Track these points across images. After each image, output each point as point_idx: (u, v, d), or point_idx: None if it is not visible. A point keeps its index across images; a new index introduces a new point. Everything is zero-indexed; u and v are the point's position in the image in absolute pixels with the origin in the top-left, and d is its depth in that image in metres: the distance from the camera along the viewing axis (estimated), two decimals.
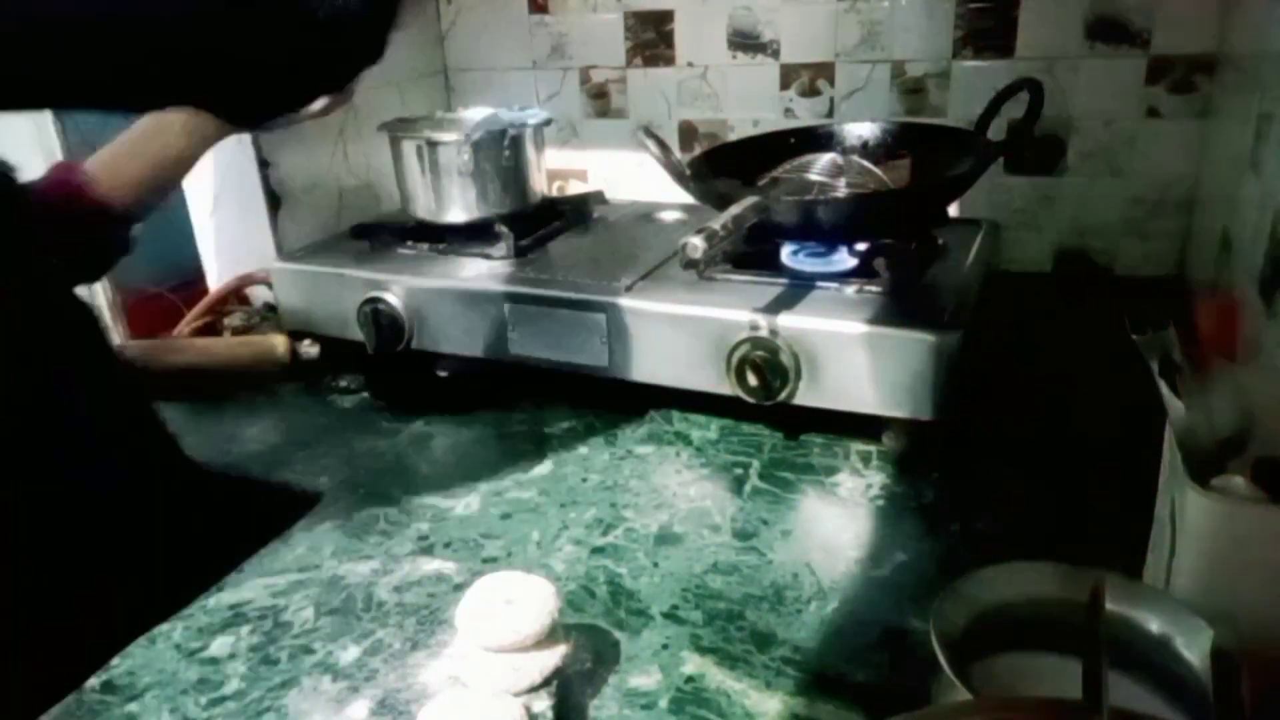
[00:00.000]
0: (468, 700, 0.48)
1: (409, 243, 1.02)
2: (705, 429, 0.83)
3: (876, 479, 0.74)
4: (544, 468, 0.79)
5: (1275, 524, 0.42)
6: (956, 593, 0.44)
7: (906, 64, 1.12)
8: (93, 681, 0.57)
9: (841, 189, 0.87)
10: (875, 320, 0.74)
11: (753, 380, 0.77)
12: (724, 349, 0.78)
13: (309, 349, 1.01)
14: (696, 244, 0.69)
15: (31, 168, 0.72)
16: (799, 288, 0.81)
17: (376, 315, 0.93)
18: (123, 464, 0.70)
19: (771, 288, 0.82)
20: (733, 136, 1.21)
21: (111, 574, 0.67)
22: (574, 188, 1.33)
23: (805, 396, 0.77)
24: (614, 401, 0.87)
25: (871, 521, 0.69)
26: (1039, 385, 0.88)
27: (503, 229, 0.96)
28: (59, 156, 1.60)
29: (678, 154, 0.98)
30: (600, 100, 1.29)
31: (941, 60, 1.10)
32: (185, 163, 0.84)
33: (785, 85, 1.19)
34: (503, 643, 0.50)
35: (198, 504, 0.76)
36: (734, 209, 0.75)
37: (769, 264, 0.86)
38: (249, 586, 0.65)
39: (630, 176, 1.28)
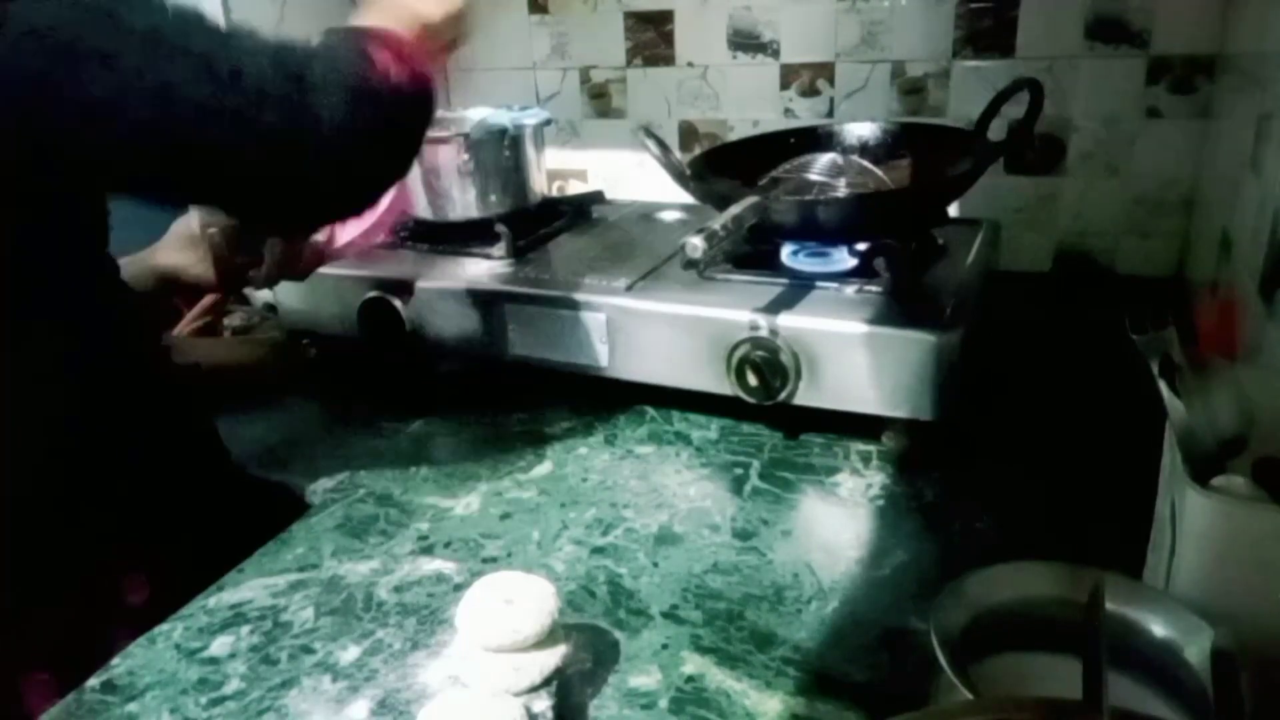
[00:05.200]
0: (468, 700, 0.48)
1: (408, 243, 1.02)
2: (705, 429, 0.83)
3: (876, 479, 0.74)
4: (544, 468, 0.79)
5: (1275, 524, 0.42)
6: (956, 593, 0.44)
7: (906, 64, 1.12)
8: (93, 681, 0.57)
9: (841, 189, 0.87)
10: (875, 320, 0.74)
11: (753, 380, 0.77)
12: (724, 349, 0.78)
13: (309, 349, 1.01)
14: (696, 244, 0.69)
15: None
16: (799, 288, 0.81)
17: (376, 315, 0.93)
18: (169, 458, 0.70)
19: (771, 288, 0.82)
20: (733, 136, 1.21)
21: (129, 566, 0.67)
22: (574, 188, 1.33)
23: (805, 396, 0.77)
24: (614, 401, 0.87)
25: (871, 521, 0.69)
26: (1039, 385, 0.88)
27: (502, 229, 0.96)
28: None
29: (678, 154, 0.98)
30: (600, 100, 1.29)
31: (941, 60, 1.10)
32: None
33: (785, 85, 1.19)
34: (503, 643, 0.50)
35: (236, 501, 0.77)
36: (734, 209, 0.75)
37: (769, 264, 0.86)
38: (249, 586, 0.65)
39: (630, 176, 1.28)
